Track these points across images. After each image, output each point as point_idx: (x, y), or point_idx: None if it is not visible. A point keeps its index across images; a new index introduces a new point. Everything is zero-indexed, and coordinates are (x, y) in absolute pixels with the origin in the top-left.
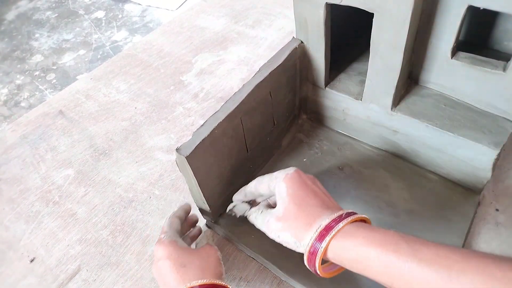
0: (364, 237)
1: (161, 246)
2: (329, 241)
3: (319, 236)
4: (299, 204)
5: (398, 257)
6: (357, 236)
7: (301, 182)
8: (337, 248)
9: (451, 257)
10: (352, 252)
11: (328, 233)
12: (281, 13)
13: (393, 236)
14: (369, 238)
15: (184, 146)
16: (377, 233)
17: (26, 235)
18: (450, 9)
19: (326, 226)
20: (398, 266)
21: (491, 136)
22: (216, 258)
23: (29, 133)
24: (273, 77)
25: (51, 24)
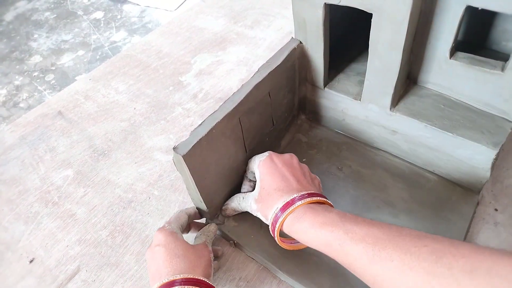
0: (310, 218)
1: (162, 233)
2: (284, 218)
3: (281, 209)
4: (267, 189)
5: (334, 237)
6: (305, 218)
7: (271, 167)
8: (291, 227)
9: (378, 235)
10: (301, 231)
11: (285, 209)
12: (280, 14)
13: (333, 217)
14: (313, 219)
15: (181, 145)
16: (321, 215)
17: (25, 236)
18: (448, 9)
19: (285, 203)
20: (334, 244)
21: (490, 136)
22: (208, 259)
23: (28, 134)
24: (272, 78)
25: (49, 25)
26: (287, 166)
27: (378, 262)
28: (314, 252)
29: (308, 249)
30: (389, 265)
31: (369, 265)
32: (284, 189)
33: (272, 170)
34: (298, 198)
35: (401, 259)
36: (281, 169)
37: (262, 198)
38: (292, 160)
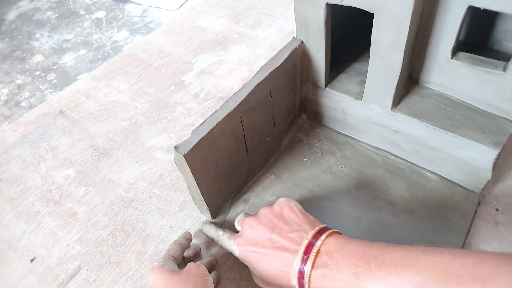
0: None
1: (150, 273)
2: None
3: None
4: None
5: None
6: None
7: (251, 256)
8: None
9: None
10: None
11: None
12: (282, 14)
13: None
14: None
15: (182, 144)
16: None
17: (26, 235)
18: (450, 9)
19: (301, 258)
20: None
21: (491, 136)
22: (198, 275)
23: (30, 133)
24: (273, 77)
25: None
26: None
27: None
28: None
29: None
30: None
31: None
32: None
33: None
34: (312, 239)
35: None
36: (256, 251)
37: (268, 281)
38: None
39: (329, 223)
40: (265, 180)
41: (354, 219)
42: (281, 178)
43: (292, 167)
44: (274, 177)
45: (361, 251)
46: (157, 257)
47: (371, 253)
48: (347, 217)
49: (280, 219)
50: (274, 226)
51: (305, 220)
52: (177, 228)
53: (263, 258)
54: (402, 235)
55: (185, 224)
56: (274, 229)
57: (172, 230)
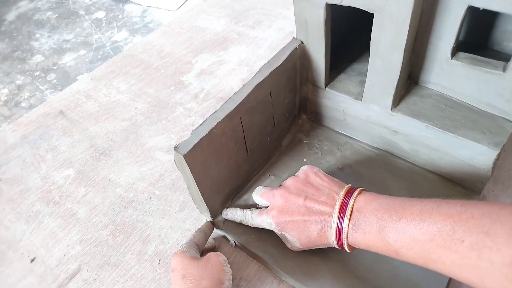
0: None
1: (172, 258)
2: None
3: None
4: (307, 237)
5: (388, 251)
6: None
7: (290, 224)
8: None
9: (420, 238)
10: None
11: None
12: (281, 14)
13: (376, 234)
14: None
15: (182, 145)
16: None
17: (26, 235)
18: (450, 9)
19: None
20: (393, 255)
21: (491, 137)
22: (217, 263)
23: (30, 133)
24: (273, 77)
25: (51, 24)
26: (298, 210)
27: (436, 262)
28: (315, 252)
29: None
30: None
31: (429, 264)
32: (320, 219)
33: (294, 224)
34: (345, 199)
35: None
36: (300, 216)
37: (308, 245)
38: (288, 200)
39: None
40: (265, 180)
41: None
42: (281, 178)
43: (292, 168)
44: (274, 177)
45: (386, 206)
46: (158, 257)
47: (394, 207)
48: None
49: (309, 185)
50: (306, 193)
51: (333, 183)
52: (177, 228)
53: (301, 225)
54: None
55: (185, 224)
56: (307, 196)
57: (172, 230)
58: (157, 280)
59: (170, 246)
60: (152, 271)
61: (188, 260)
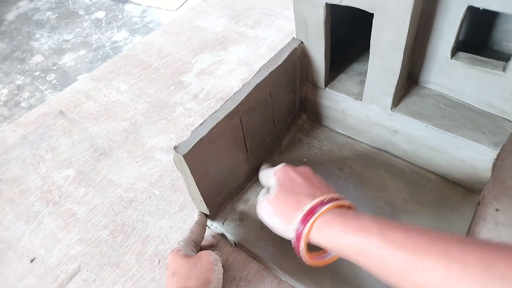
0: (341, 223)
1: (169, 256)
2: (311, 225)
3: (302, 220)
4: (287, 192)
5: (370, 243)
6: (335, 223)
7: (288, 175)
8: (318, 234)
9: (418, 241)
10: (331, 238)
11: (310, 217)
12: (281, 14)
13: (367, 222)
14: (345, 225)
15: (181, 145)
16: (353, 220)
17: (26, 235)
18: (450, 9)
19: (308, 210)
20: (371, 252)
21: (490, 136)
22: (206, 263)
23: (29, 133)
24: (273, 77)
25: (51, 24)
26: (304, 176)
27: (422, 271)
28: None
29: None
30: (434, 275)
31: (411, 274)
32: (307, 195)
33: (291, 178)
34: (325, 202)
35: (448, 267)
36: (298, 178)
37: (280, 201)
38: (307, 171)
39: None
40: None
41: None
42: None
43: None
44: None
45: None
46: (158, 257)
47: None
48: None
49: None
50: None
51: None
52: (177, 228)
53: (295, 180)
54: None
55: (185, 225)
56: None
57: (172, 230)
58: (157, 280)
59: (170, 246)
60: (152, 271)
61: (180, 258)
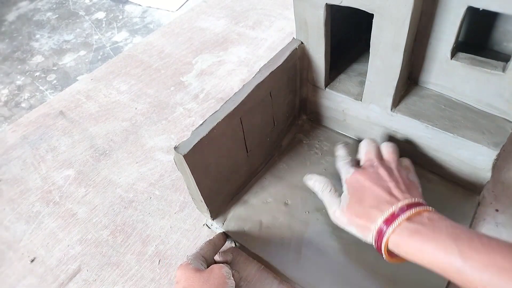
0: (417, 243)
1: (178, 270)
2: (386, 242)
3: (378, 237)
4: (357, 203)
5: (450, 264)
6: (411, 241)
7: (359, 184)
8: (396, 248)
9: (501, 264)
10: (409, 254)
11: (386, 230)
12: (281, 14)
13: (446, 239)
14: (422, 244)
15: (182, 145)
16: (431, 239)
17: (27, 236)
18: (449, 9)
19: (381, 224)
20: (451, 270)
21: (490, 137)
22: (219, 276)
23: (30, 133)
24: (273, 78)
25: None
26: (375, 181)
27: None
28: (315, 252)
29: (308, 249)
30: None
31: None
32: (379, 206)
33: (361, 188)
34: (397, 212)
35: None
36: (370, 186)
37: (352, 212)
38: (379, 173)
39: (329, 222)
40: (265, 180)
41: None
42: (281, 179)
43: (292, 168)
44: (274, 178)
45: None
46: (158, 257)
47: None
48: None
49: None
50: (397, 181)
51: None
52: (177, 228)
53: (366, 189)
54: None
55: (185, 225)
56: (394, 181)
57: (172, 230)
58: (157, 280)
59: (170, 246)
60: (152, 271)
61: (191, 272)
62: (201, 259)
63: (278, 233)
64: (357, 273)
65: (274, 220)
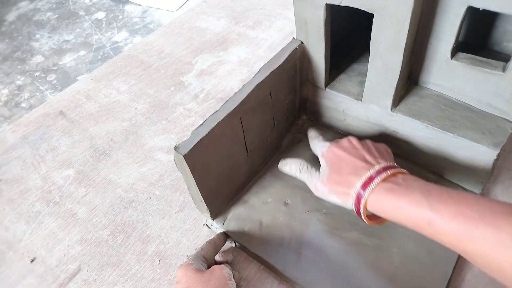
0: (392, 201)
1: (178, 270)
2: (364, 203)
3: (356, 199)
4: (338, 175)
5: (422, 216)
6: (386, 200)
7: (336, 156)
8: (373, 207)
9: (468, 214)
10: (384, 212)
11: (363, 193)
12: (281, 14)
13: (418, 195)
14: (397, 201)
15: (182, 145)
16: (403, 195)
17: (27, 236)
18: (449, 9)
19: (359, 188)
20: (423, 223)
21: (490, 137)
22: (220, 277)
23: (30, 133)
24: (273, 78)
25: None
26: (350, 151)
27: (471, 241)
28: (315, 252)
29: (308, 249)
30: (482, 243)
31: (460, 242)
32: (357, 172)
33: (338, 158)
34: (374, 175)
35: (495, 237)
36: (346, 156)
37: (332, 182)
38: (352, 143)
39: (329, 222)
40: (265, 180)
41: (354, 219)
42: (281, 179)
43: None
44: (274, 178)
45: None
46: (158, 257)
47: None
48: (346, 218)
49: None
50: (369, 148)
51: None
52: (177, 228)
53: (344, 158)
54: (401, 235)
55: (185, 225)
56: (369, 149)
57: (172, 230)
58: (157, 280)
59: (170, 246)
60: (152, 271)
61: (192, 272)
62: (202, 259)
63: (278, 233)
64: (357, 273)
65: (274, 220)
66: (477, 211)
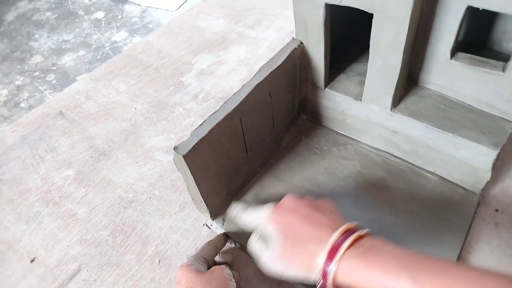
0: (366, 264)
1: (179, 271)
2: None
3: (323, 272)
4: (293, 241)
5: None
6: (359, 268)
7: (284, 221)
8: (344, 278)
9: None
10: (358, 283)
11: (330, 264)
12: (281, 14)
13: (395, 263)
14: (371, 266)
15: (181, 145)
16: (378, 259)
17: (26, 236)
18: (449, 9)
19: (322, 267)
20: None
21: (490, 137)
22: (220, 278)
23: (29, 133)
24: (273, 78)
25: (50, 25)
26: (301, 215)
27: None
28: None
29: None
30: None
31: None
32: (317, 238)
33: (288, 225)
34: (339, 241)
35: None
36: (297, 220)
37: (288, 254)
38: (299, 205)
39: None
40: (265, 180)
41: (354, 220)
42: (281, 179)
43: (292, 168)
44: (274, 178)
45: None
46: (158, 257)
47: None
48: (346, 218)
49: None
50: (317, 207)
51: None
52: (177, 228)
53: (296, 225)
54: (402, 236)
55: (185, 225)
56: (317, 208)
57: (172, 230)
58: (157, 280)
59: (170, 246)
60: (152, 271)
61: (192, 273)
62: (202, 260)
63: None
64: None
65: None
66: (465, 284)
